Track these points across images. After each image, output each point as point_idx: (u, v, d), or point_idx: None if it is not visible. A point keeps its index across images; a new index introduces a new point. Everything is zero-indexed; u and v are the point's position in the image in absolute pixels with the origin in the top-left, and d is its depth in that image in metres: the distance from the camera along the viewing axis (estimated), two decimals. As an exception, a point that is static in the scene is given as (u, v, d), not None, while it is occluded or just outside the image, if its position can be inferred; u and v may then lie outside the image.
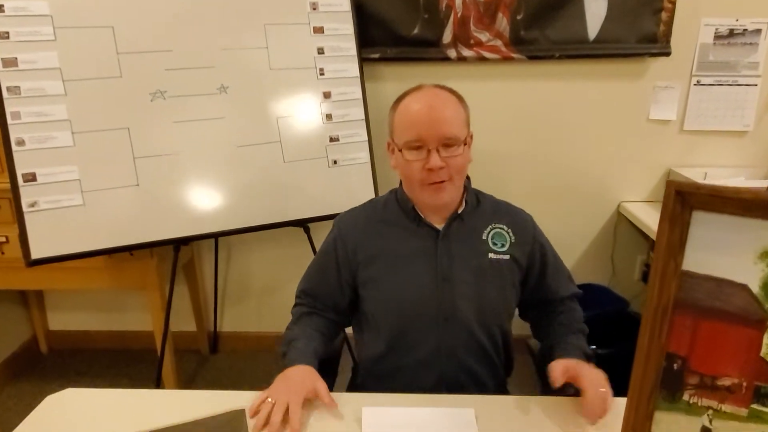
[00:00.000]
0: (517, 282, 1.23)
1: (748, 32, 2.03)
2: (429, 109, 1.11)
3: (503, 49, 2.05)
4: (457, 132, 1.11)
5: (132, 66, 1.61)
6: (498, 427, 0.98)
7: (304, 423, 0.99)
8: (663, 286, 0.71)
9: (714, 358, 0.70)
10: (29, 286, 2.12)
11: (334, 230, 1.28)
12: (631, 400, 0.75)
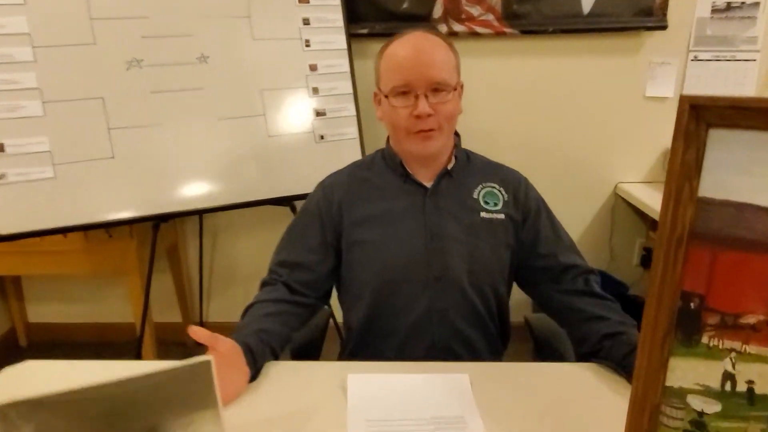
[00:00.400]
0: (512, 242, 1.15)
1: (746, 5, 1.98)
2: (417, 52, 1.05)
3: (495, 23, 1.99)
4: (446, 76, 1.05)
5: (106, 32, 1.53)
6: (494, 395, 0.90)
7: (288, 393, 0.92)
8: (676, 215, 0.64)
9: (736, 294, 0.62)
10: (5, 271, 2.02)
11: (317, 192, 1.20)
12: (642, 348, 0.67)
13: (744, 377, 0.62)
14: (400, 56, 1.06)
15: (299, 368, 1.04)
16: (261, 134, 1.70)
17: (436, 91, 1.04)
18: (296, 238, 1.20)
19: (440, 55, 1.06)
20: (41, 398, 0.61)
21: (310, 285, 1.16)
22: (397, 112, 1.06)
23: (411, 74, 1.04)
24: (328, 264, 1.17)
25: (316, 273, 1.17)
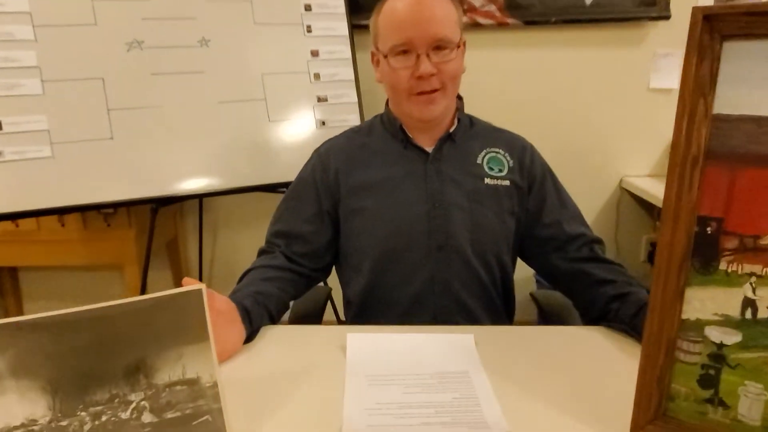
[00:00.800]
0: (518, 210, 1.11)
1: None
2: (417, 6, 1.01)
3: (498, 14, 1.99)
4: (449, 33, 1.01)
5: (107, 13, 1.53)
6: (500, 354, 0.87)
7: (287, 353, 0.89)
8: (690, 134, 0.61)
9: (756, 214, 0.59)
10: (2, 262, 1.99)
11: (313, 159, 1.18)
12: (657, 281, 0.64)
13: (766, 303, 0.59)
14: (399, 12, 1.02)
15: (298, 330, 1.01)
16: (262, 119, 1.69)
17: (439, 48, 1.01)
18: (291, 208, 1.16)
19: (442, 9, 1.02)
20: (20, 322, 0.58)
21: (307, 256, 1.13)
22: (397, 74, 1.03)
23: (412, 31, 1.00)
24: (326, 235, 1.14)
25: (314, 244, 1.13)
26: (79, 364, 0.60)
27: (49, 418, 0.59)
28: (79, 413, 0.60)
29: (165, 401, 0.63)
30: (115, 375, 0.62)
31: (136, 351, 0.62)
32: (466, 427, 0.68)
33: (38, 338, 0.59)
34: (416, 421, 0.70)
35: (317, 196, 1.13)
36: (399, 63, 1.02)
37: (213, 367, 0.65)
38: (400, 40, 1.01)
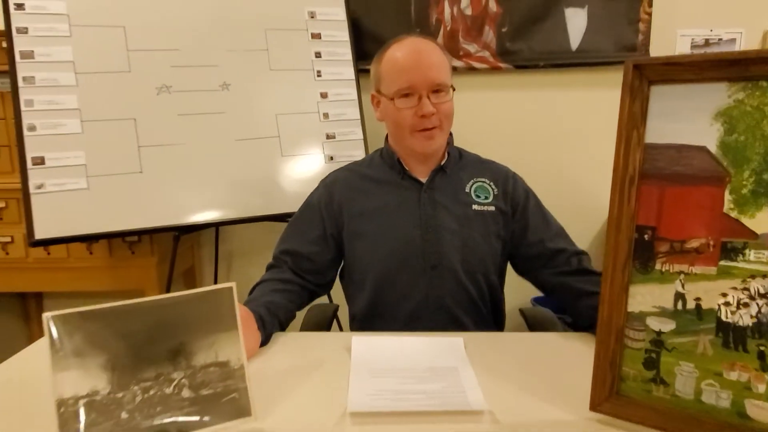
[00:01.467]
0: (503, 233, 1.25)
1: (723, 41, 2.15)
2: (417, 55, 1.16)
3: (491, 59, 2.17)
4: (444, 78, 1.17)
5: (141, 62, 1.72)
6: (487, 354, 0.99)
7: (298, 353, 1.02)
8: (627, 157, 0.75)
9: (681, 223, 0.73)
10: (30, 287, 2.14)
11: (320, 188, 1.32)
12: (606, 276, 0.77)
13: (692, 296, 0.72)
14: (402, 59, 1.16)
15: (309, 336, 1.14)
16: (275, 154, 1.85)
17: (437, 92, 1.16)
18: (298, 230, 1.30)
19: (437, 57, 1.17)
20: (86, 311, 0.72)
21: (312, 272, 1.26)
22: (402, 113, 1.17)
23: (414, 77, 1.14)
24: (329, 255, 1.28)
25: (318, 263, 1.27)
26: (131, 347, 0.74)
27: (108, 390, 0.72)
28: (132, 387, 0.73)
29: (201, 380, 0.76)
30: (161, 357, 0.75)
31: (177, 337, 0.76)
32: (450, 407, 0.81)
33: (99, 325, 0.73)
34: (410, 404, 0.82)
35: (322, 220, 1.27)
36: (403, 104, 1.16)
37: (240, 353, 0.78)
38: (405, 84, 1.15)
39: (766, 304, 0.67)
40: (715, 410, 0.70)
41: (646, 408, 0.75)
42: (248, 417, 0.78)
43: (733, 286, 0.69)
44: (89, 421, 0.71)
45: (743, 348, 0.69)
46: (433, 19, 2.14)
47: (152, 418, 0.74)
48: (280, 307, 1.13)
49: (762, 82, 0.67)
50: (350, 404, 0.82)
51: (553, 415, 0.79)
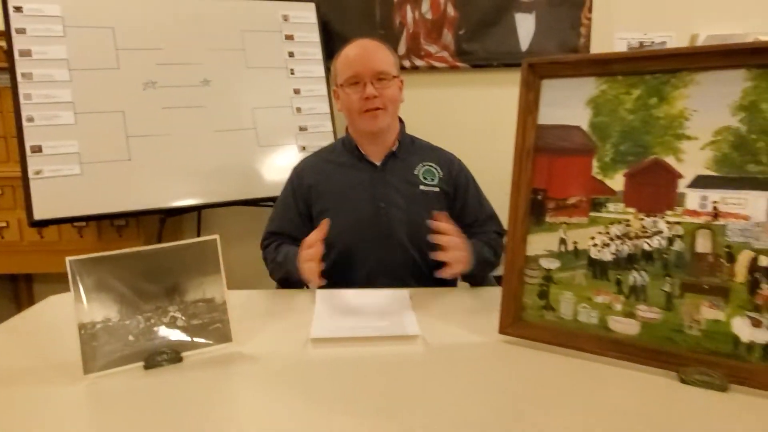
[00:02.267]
0: (445, 210, 1.46)
1: (656, 44, 2.40)
2: (363, 50, 1.39)
3: (449, 59, 2.39)
4: (386, 68, 1.38)
5: (128, 60, 1.89)
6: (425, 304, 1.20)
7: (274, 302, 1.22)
8: (524, 136, 0.97)
9: (563, 185, 0.95)
10: (25, 269, 2.28)
11: (292, 174, 1.53)
12: (510, 229, 0.99)
13: (571, 240, 0.94)
14: (351, 55, 1.40)
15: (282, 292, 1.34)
16: (252, 144, 2.04)
17: (380, 79, 1.37)
18: (279, 213, 1.52)
19: (381, 52, 1.40)
20: (98, 257, 0.91)
21: (297, 242, 1.48)
22: (350, 98, 1.39)
23: (359, 67, 1.37)
24: (306, 229, 1.48)
25: (299, 237, 1.47)
26: (135, 285, 0.93)
27: (118, 318, 0.91)
28: (136, 317, 0.93)
29: (191, 312, 0.96)
30: (159, 293, 0.94)
31: (172, 278, 0.95)
32: (392, 333, 1.02)
33: (111, 267, 0.92)
34: (360, 332, 1.03)
35: (295, 201, 1.48)
36: (351, 90, 1.39)
37: (223, 291, 0.98)
38: (351, 73, 1.38)
39: (621, 243, 0.89)
40: (587, 326, 0.92)
41: (540, 328, 0.96)
42: (230, 342, 0.98)
43: (599, 231, 0.92)
44: (103, 341, 0.90)
45: (606, 277, 0.91)
46: (396, 22, 2.35)
47: (153, 341, 0.93)
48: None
49: (618, 76, 0.89)
50: (312, 333, 1.02)
51: (472, 338, 1.00)
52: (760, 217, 0.78)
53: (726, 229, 0.81)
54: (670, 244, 0.85)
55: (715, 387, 0.79)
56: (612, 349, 0.89)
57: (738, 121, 0.79)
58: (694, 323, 0.83)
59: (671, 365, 0.83)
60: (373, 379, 0.86)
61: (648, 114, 0.86)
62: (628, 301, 0.89)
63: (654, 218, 0.86)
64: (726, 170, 0.80)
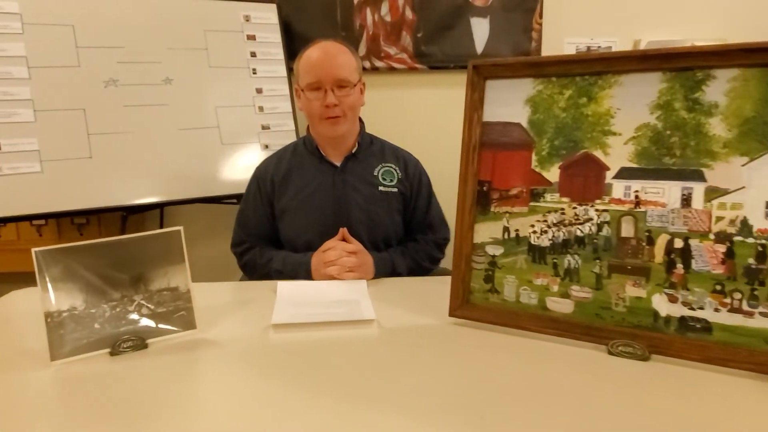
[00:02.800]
0: (402, 209, 1.53)
1: (602, 48, 2.53)
2: (325, 55, 1.41)
3: (408, 61, 2.46)
4: (348, 75, 1.42)
5: (89, 58, 1.89)
6: (382, 291, 1.27)
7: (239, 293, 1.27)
8: (470, 132, 1.05)
9: (506, 177, 1.03)
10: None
11: (254, 175, 1.57)
12: (458, 218, 1.06)
13: (513, 228, 1.02)
14: (312, 59, 1.41)
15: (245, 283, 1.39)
16: (215, 143, 2.07)
17: (341, 86, 1.41)
18: (250, 215, 1.56)
19: (344, 58, 1.42)
20: (64, 247, 0.94)
21: (271, 242, 1.54)
22: (311, 103, 1.42)
23: (320, 73, 1.39)
24: (276, 228, 1.54)
25: (271, 234, 1.54)
26: (101, 274, 0.97)
27: (83, 307, 0.95)
28: (102, 305, 0.96)
29: (156, 301, 1.00)
30: (124, 283, 0.98)
31: (137, 268, 0.99)
32: (348, 318, 1.08)
33: (77, 258, 0.95)
34: (320, 318, 1.08)
35: (262, 202, 1.53)
36: (312, 96, 1.42)
37: (187, 280, 1.02)
38: (312, 79, 1.40)
39: (557, 230, 0.98)
40: (528, 307, 1.01)
41: (486, 310, 1.04)
42: (194, 329, 1.02)
43: (537, 219, 1.00)
44: (70, 329, 0.93)
45: (544, 261, 0.99)
46: (356, 24, 2.41)
47: (118, 329, 0.97)
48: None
49: (552, 78, 0.98)
50: (273, 319, 1.08)
51: (423, 321, 1.08)
52: (675, 204, 0.88)
53: (646, 216, 0.90)
54: (599, 230, 0.94)
55: (638, 357, 0.88)
56: (550, 326, 0.97)
57: (655, 119, 0.89)
58: (620, 301, 0.92)
59: (600, 339, 0.92)
60: (331, 360, 0.92)
61: (578, 112, 0.95)
62: (564, 282, 0.97)
63: (585, 207, 0.95)
64: (645, 162, 0.90)
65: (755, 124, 0.81)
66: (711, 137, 0.84)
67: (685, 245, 0.87)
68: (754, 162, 0.82)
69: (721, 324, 0.84)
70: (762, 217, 0.82)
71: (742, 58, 0.81)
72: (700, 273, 0.86)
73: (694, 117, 0.85)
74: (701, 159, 0.85)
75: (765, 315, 0.82)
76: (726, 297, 0.84)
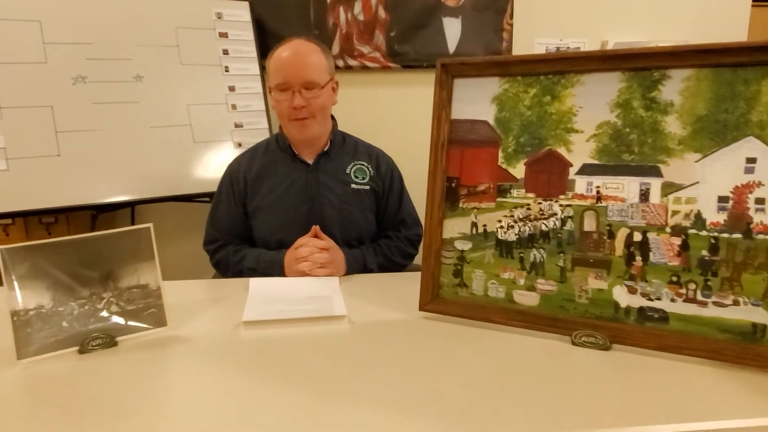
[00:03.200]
0: (374, 207, 1.55)
1: (570, 49, 2.59)
2: (295, 56, 1.40)
3: (382, 59, 2.48)
4: (316, 77, 1.40)
5: (56, 54, 1.87)
6: (353, 287, 1.28)
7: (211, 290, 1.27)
8: (439, 129, 1.07)
9: (474, 174, 1.06)
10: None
11: (226, 173, 1.56)
12: (428, 214, 1.08)
13: (481, 223, 1.05)
14: (282, 59, 1.40)
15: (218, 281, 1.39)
16: (187, 140, 2.06)
17: (309, 88, 1.40)
18: (223, 213, 1.55)
19: (313, 58, 1.41)
20: (30, 245, 0.94)
21: (244, 239, 1.54)
22: (280, 104, 1.42)
23: (289, 74, 1.38)
24: (248, 226, 1.54)
25: (244, 234, 1.54)
26: (69, 272, 0.96)
27: (51, 305, 0.94)
28: (70, 303, 0.96)
29: (126, 298, 1.00)
30: (93, 280, 0.98)
31: (106, 265, 0.99)
32: (320, 314, 1.09)
33: (44, 255, 0.94)
34: (291, 315, 1.09)
35: (234, 200, 1.52)
36: (281, 97, 1.41)
37: (158, 277, 1.02)
38: (281, 80, 1.40)
39: (523, 225, 1.01)
40: (496, 300, 1.03)
41: (455, 304, 1.06)
42: (165, 327, 1.02)
43: (504, 214, 1.03)
44: (37, 327, 0.93)
45: (510, 256, 1.02)
46: (330, 23, 2.42)
47: (87, 326, 0.97)
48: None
49: (518, 77, 1.01)
50: (244, 316, 1.08)
51: (394, 316, 1.09)
52: (634, 198, 0.91)
53: (607, 210, 0.93)
54: (563, 225, 0.97)
55: (600, 347, 0.91)
56: (516, 319, 1.00)
57: (615, 117, 0.92)
58: (583, 293, 0.95)
59: (564, 330, 0.95)
60: (302, 355, 0.93)
61: (543, 110, 0.98)
62: (530, 276, 1.00)
63: (549, 202, 0.98)
64: (606, 159, 0.93)
65: (707, 122, 0.85)
66: (667, 135, 0.88)
67: (643, 238, 0.90)
68: (707, 158, 0.86)
69: (677, 314, 0.88)
70: (714, 210, 0.85)
71: (695, 59, 0.84)
72: (658, 265, 0.89)
73: (651, 115, 0.89)
74: (658, 155, 0.89)
75: (718, 305, 0.85)
76: (681, 288, 0.88)
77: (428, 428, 0.70)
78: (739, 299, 0.84)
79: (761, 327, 0.83)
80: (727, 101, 0.84)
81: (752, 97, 0.82)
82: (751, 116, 0.82)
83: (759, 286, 0.83)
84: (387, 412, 0.74)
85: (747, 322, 0.84)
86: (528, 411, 0.74)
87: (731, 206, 0.84)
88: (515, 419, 0.72)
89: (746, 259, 0.83)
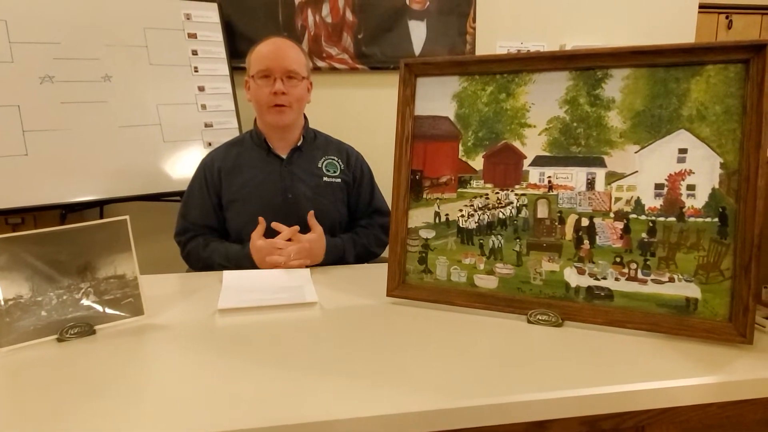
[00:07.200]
0: (346, 199, 1.62)
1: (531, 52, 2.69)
2: (276, 47, 1.50)
3: (350, 61, 2.54)
4: (297, 68, 1.49)
5: (23, 53, 1.86)
6: (324, 277, 1.34)
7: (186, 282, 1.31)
8: (403, 125, 1.14)
9: (436, 166, 1.13)
10: None
11: (200, 166, 1.60)
12: (394, 205, 1.15)
13: (444, 213, 1.12)
14: (264, 50, 1.50)
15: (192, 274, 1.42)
16: (157, 140, 2.07)
17: (290, 78, 1.49)
18: (195, 204, 1.59)
19: (294, 52, 1.51)
20: (8, 237, 0.96)
21: (215, 231, 1.58)
22: (260, 90, 1.49)
23: (271, 62, 1.47)
24: (221, 218, 1.58)
25: (216, 225, 1.58)
26: (47, 263, 0.99)
27: (30, 295, 0.97)
28: (49, 293, 0.99)
29: (103, 288, 1.03)
30: (71, 271, 1.01)
31: (84, 257, 1.02)
32: (292, 301, 1.14)
33: (22, 247, 0.97)
34: (265, 302, 1.14)
35: (208, 193, 1.56)
36: (262, 83, 1.48)
37: (134, 268, 1.06)
38: (263, 67, 1.48)
39: (482, 213, 1.08)
40: (458, 284, 1.10)
41: (421, 289, 1.13)
42: (142, 315, 1.06)
43: (465, 204, 1.10)
44: (16, 317, 0.95)
45: (471, 243, 1.09)
46: (298, 24, 2.47)
47: (65, 315, 1.00)
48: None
49: (476, 76, 1.08)
50: (219, 304, 1.13)
51: (363, 302, 1.15)
52: (581, 187, 0.99)
53: (558, 198, 1.01)
54: (519, 212, 1.05)
55: (553, 324, 0.99)
56: (477, 301, 1.07)
57: (564, 113, 1.00)
58: (537, 275, 1.03)
59: (521, 310, 1.02)
60: (275, 340, 0.98)
61: (499, 107, 1.05)
62: (489, 261, 1.07)
63: (506, 191, 1.06)
64: (556, 151, 1.01)
65: (645, 116, 0.94)
66: (609, 128, 0.97)
67: (590, 223, 0.99)
68: (645, 150, 0.94)
69: (621, 291, 0.97)
70: (652, 197, 0.94)
71: (633, 59, 0.93)
72: (603, 247, 0.98)
73: (596, 111, 0.97)
74: (602, 147, 0.97)
75: (656, 282, 0.94)
76: (624, 267, 0.97)
77: (396, 397, 0.76)
78: (674, 276, 0.93)
79: (693, 301, 0.92)
80: (662, 98, 0.93)
81: (683, 94, 0.92)
82: (682, 111, 0.92)
83: (691, 264, 0.92)
84: (358, 382, 0.80)
85: (681, 296, 0.93)
86: (488, 384, 0.80)
87: (666, 192, 0.93)
88: (477, 388, 0.79)
89: (680, 240, 0.93)
